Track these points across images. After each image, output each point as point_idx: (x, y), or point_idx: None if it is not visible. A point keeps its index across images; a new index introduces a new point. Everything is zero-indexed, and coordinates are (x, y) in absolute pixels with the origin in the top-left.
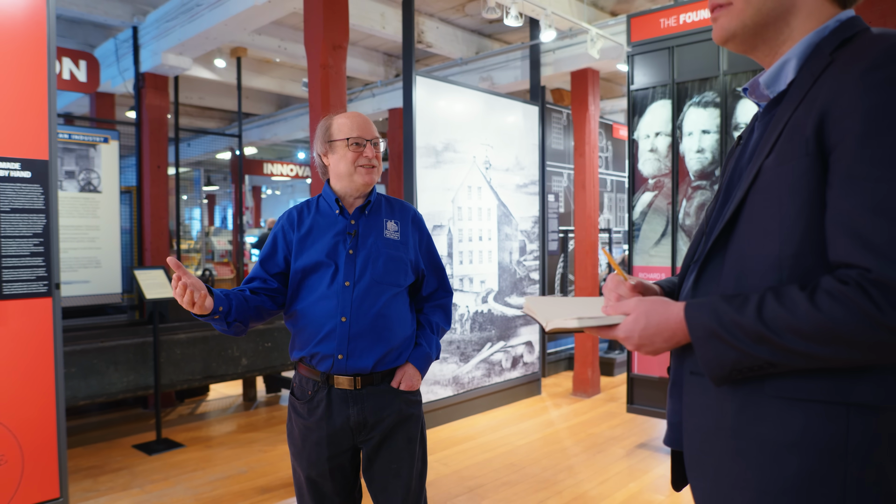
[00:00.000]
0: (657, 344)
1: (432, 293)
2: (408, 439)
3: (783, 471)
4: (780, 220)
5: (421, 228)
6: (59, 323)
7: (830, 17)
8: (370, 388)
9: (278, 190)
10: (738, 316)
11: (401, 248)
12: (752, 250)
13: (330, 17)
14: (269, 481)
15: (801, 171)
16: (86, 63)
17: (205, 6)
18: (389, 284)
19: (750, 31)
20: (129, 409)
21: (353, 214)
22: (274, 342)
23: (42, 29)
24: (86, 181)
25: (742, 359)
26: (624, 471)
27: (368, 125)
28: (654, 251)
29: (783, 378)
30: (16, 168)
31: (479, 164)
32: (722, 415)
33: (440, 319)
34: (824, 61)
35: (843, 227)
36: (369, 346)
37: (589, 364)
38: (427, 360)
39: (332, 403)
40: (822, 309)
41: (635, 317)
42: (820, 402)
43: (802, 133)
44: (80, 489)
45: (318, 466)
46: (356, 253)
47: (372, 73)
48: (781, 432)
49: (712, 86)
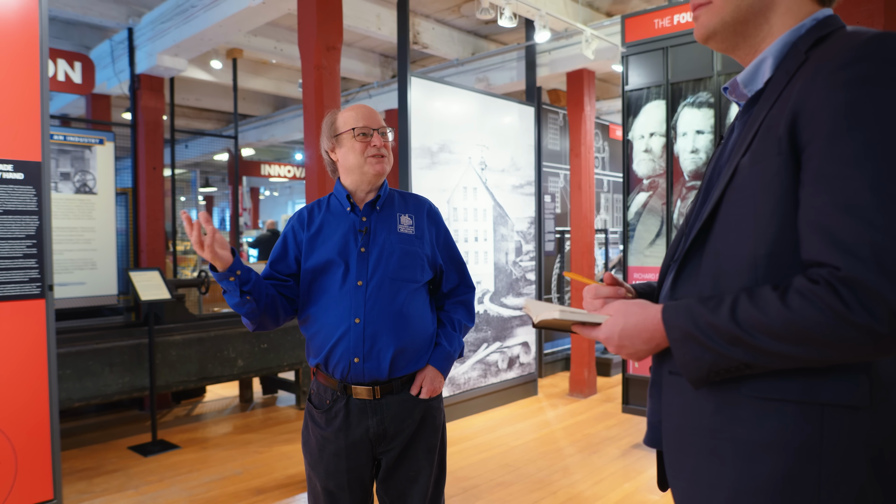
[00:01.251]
0: (637, 346)
1: (453, 289)
2: (427, 448)
3: (758, 470)
4: (755, 220)
5: (437, 222)
6: (53, 324)
7: (808, 14)
8: (390, 396)
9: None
10: (713, 317)
11: (416, 242)
12: (729, 250)
13: (323, 18)
14: (265, 482)
15: (774, 171)
16: (81, 64)
17: (199, 7)
18: (405, 281)
19: (730, 29)
20: (124, 410)
21: (364, 210)
22: (270, 343)
23: (35, 30)
24: (81, 183)
25: (718, 360)
26: (619, 471)
27: (374, 115)
28: (649, 251)
29: (759, 378)
30: (8, 170)
31: (474, 164)
32: (699, 414)
33: (462, 316)
34: (799, 59)
35: (814, 225)
36: (386, 347)
37: (585, 364)
38: (448, 359)
39: (350, 414)
40: (793, 308)
41: (615, 318)
42: (794, 402)
43: (776, 132)
44: (74, 491)
45: (335, 478)
46: (368, 250)
47: (368, 74)
48: (757, 432)
49: (706, 86)
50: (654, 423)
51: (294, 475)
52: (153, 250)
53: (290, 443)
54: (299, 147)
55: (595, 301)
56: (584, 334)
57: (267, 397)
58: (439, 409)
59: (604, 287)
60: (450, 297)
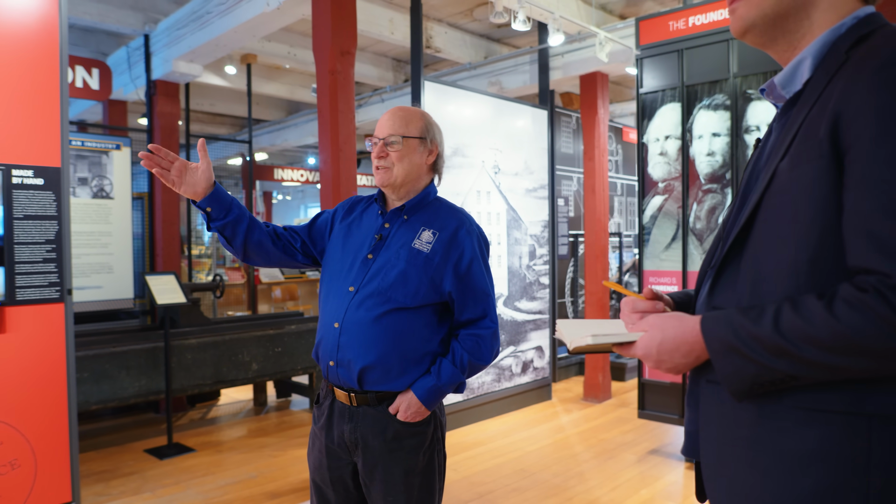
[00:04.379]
0: (676, 360)
1: (471, 321)
2: (405, 471)
3: (801, 484)
4: (795, 225)
5: (463, 246)
6: (72, 328)
7: (850, 12)
8: (366, 407)
9: (289, 195)
10: (755, 328)
11: (423, 261)
12: (768, 255)
13: (338, 23)
14: (279, 486)
15: (815, 174)
16: (98, 71)
17: (215, 14)
18: (391, 300)
19: (769, 22)
20: (140, 413)
21: (389, 216)
22: (284, 347)
23: (54, 38)
24: (98, 188)
25: (762, 373)
26: (635, 477)
27: (386, 122)
28: (665, 255)
29: (801, 388)
30: (29, 175)
31: (488, 168)
32: (738, 425)
33: (468, 349)
34: (839, 59)
35: (860, 230)
36: (355, 359)
37: (600, 369)
38: (433, 391)
39: (333, 414)
40: (841, 318)
41: (651, 334)
42: (840, 413)
43: (816, 135)
44: (92, 493)
45: (320, 472)
46: (375, 258)
47: (381, 78)
48: (800, 444)
49: (722, 88)
50: (691, 433)
51: (308, 479)
52: (168, 254)
53: (304, 447)
54: (312, 151)
55: (633, 315)
56: (621, 353)
57: (281, 401)
58: (422, 432)
59: (641, 301)
60: (466, 328)
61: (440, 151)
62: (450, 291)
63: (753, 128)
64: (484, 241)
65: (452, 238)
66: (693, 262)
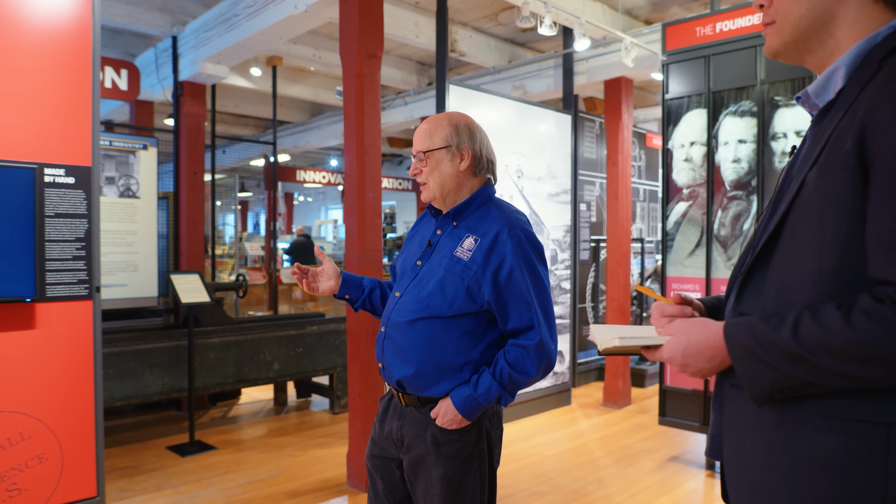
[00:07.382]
0: (700, 364)
1: (517, 331)
2: (441, 477)
3: (820, 489)
4: (821, 234)
5: (504, 253)
6: (99, 325)
7: (883, 23)
8: (412, 408)
9: (310, 197)
10: (775, 335)
11: (461, 270)
12: (793, 264)
13: (365, 26)
14: (299, 486)
15: (840, 185)
16: (127, 72)
17: (242, 16)
18: (428, 307)
19: (792, 47)
20: (163, 410)
21: (440, 222)
22: (306, 348)
23: (87, 40)
24: (125, 187)
25: (780, 378)
26: (655, 484)
27: (415, 138)
28: (688, 262)
29: (822, 396)
30: (60, 174)
31: (511, 172)
32: (761, 429)
33: (511, 361)
34: (872, 69)
35: (881, 242)
36: (396, 363)
37: (620, 375)
38: (469, 401)
39: (388, 409)
40: (857, 328)
41: (677, 338)
42: (859, 421)
43: (843, 145)
44: (115, 488)
45: (371, 460)
46: (423, 265)
47: (405, 81)
48: (819, 450)
49: (749, 95)
50: (715, 435)
51: (329, 479)
52: (193, 254)
53: (324, 447)
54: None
55: (662, 319)
56: (648, 356)
57: (301, 401)
58: (461, 440)
59: (669, 306)
60: (514, 337)
61: (476, 153)
62: (488, 300)
63: (780, 135)
64: (532, 246)
65: (493, 245)
66: (717, 268)
